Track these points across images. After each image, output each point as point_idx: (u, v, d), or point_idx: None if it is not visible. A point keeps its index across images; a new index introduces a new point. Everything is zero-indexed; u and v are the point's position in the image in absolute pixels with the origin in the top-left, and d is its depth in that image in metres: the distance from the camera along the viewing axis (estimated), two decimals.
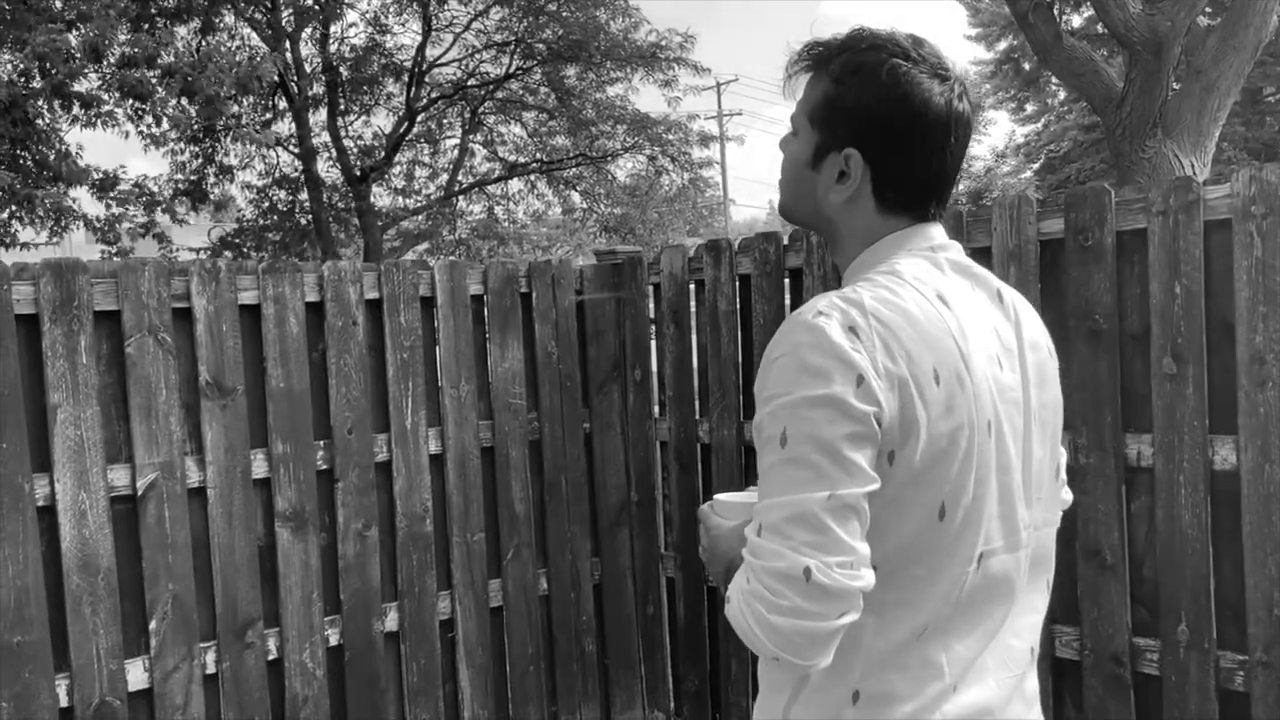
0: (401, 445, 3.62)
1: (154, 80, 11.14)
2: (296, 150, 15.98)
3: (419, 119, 16.50)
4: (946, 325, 1.26)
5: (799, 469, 1.17)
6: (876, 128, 1.32)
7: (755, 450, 1.34)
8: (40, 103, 10.98)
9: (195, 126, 12.30)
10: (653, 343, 4.08)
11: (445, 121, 17.40)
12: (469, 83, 16.37)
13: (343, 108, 16.17)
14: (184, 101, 11.49)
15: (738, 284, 3.72)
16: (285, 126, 16.15)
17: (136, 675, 3.12)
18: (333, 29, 15.81)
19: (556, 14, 15.40)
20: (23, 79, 10.73)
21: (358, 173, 15.69)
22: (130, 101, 11.50)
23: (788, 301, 3.60)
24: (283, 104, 15.90)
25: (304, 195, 16.38)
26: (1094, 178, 21.59)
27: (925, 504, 1.24)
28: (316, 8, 15.43)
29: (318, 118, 16.22)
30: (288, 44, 15.21)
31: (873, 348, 1.20)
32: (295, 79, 15.27)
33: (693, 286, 3.90)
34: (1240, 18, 8.96)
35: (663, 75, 15.72)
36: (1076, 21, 20.12)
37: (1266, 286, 2.65)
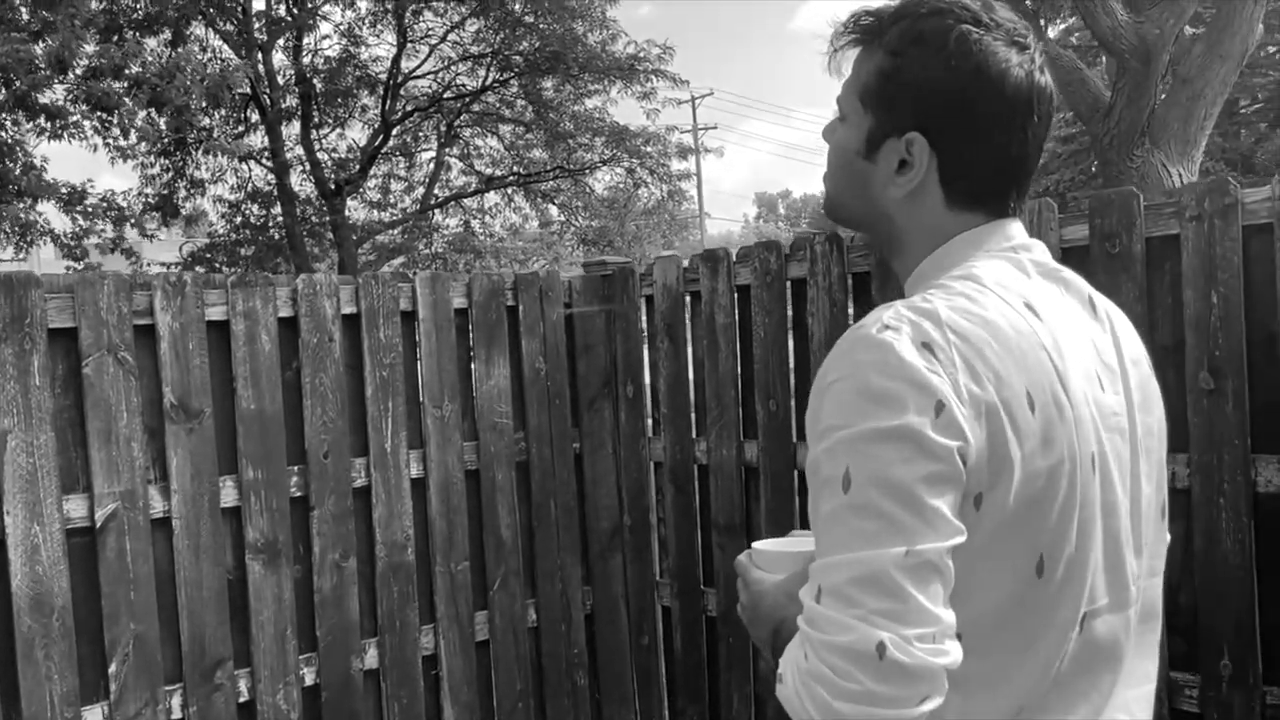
0: (381, 469, 3.40)
1: (121, 91, 10.88)
2: (269, 164, 15.71)
3: (394, 132, 16.26)
4: (1038, 339, 1.06)
5: (867, 519, 0.96)
6: (944, 106, 1.11)
7: (807, 488, 1.14)
8: (3, 115, 10.69)
9: (165, 139, 12.03)
10: (645, 358, 3.88)
11: (421, 134, 17.17)
12: (445, 95, 16.15)
13: (317, 120, 15.92)
14: (153, 113, 11.22)
15: (736, 295, 3.53)
16: (258, 139, 15.88)
17: None
18: (306, 40, 15.58)
19: (534, 26, 15.22)
20: None
21: (332, 186, 15.43)
22: (98, 114, 11.23)
23: (789, 313, 3.41)
24: (255, 117, 15.63)
25: (277, 209, 16.10)
26: (1075, 188, 21.57)
27: (1020, 557, 1.03)
28: (289, 19, 15.20)
29: (291, 130, 15.97)
30: (260, 55, 14.96)
31: (953, 368, 1.00)
32: (268, 91, 15.01)
33: (688, 298, 3.70)
34: (1226, 26, 8.88)
35: (641, 87, 15.55)
36: (1052, 33, 20.10)
37: None
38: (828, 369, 1.05)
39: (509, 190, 17.57)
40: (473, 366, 3.66)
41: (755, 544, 1.34)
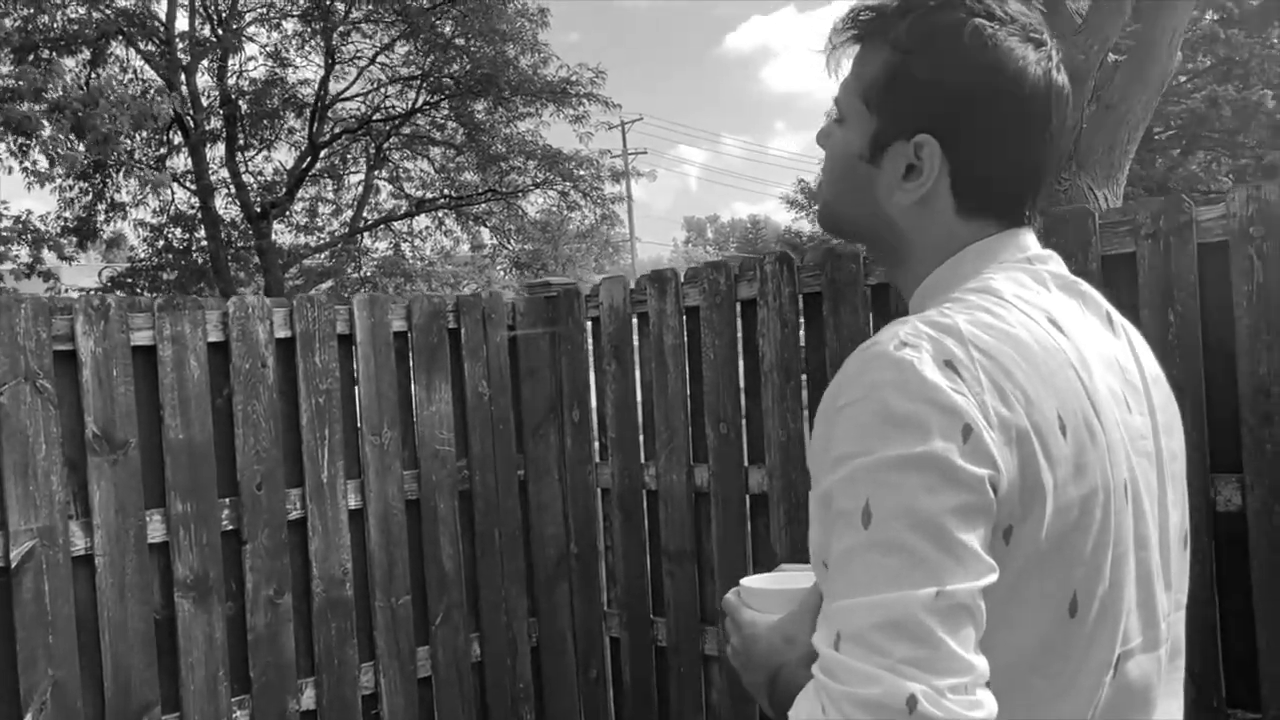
0: (317, 501, 3.25)
1: (40, 115, 10.54)
2: (193, 186, 15.37)
3: (322, 154, 16.02)
4: (1066, 356, 0.98)
5: (892, 556, 0.87)
6: (957, 107, 1.03)
7: (812, 522, 1.05)
8: None
9: (85, 162, 11.69)
10: (592, 381, 3.78)
11: (349, 157, 16.94)
12: (374, 117, 15.95)
13: (242, 143, 15.63)
14: (73, 138, 10.90)
15: (684, 316, 3.45)
16: (181, 162, 15.54)
17: None
18: (231, 62, 15.29)
19: (465, 48, 15.10)
20: None
21: (258, 209, 15.14)
22: (15, 138, 10.88)
23: (740, 334, 3.34)
24: (178, 139, 15.29)
25: (201, 233, 15.75)
26: None
27: (1051, 596, 0.95)
28: (214, 40, 14.92)
29: (216, 153, 15.65)
30: (183, 77, 14.64)
31: (979, 388, 0.91)
32: (191, 113, 14.69)
33: (635, 320, 3.61)
34: (1147, 53, 9.06)
35: (573, 110, 15.50)
36: None
37: (1269, 314, 2.46)
38: (839, 391, 0.95)
39: (440, 213, 17.38)
40: (413, 392, 3.53)
41: (744, 581, 1.24)
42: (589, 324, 3.75)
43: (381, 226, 17.44)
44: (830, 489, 0.93)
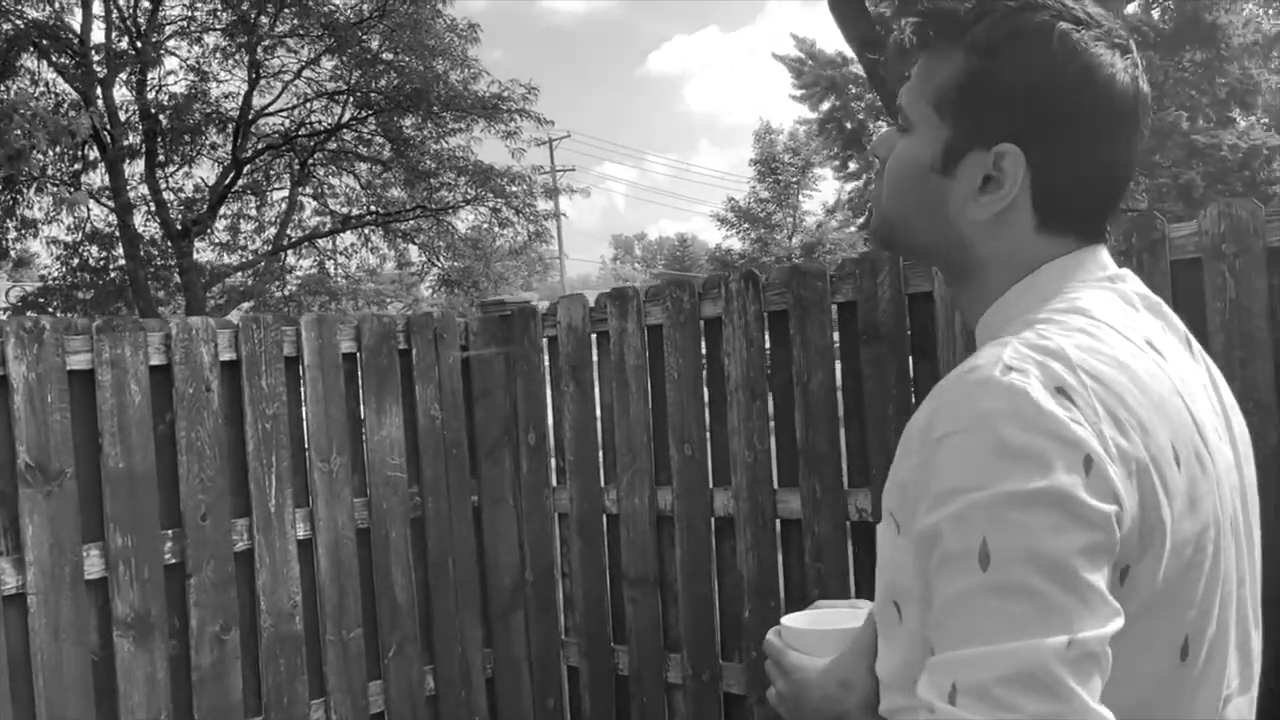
0: (265, 531, 3.10)
1: None
2: (111, 204, 14.92)
3: (245, 170, 15.66)
4: (1170, 383, 0.92)
5: (1016, 601, 0.79)
6: (1044, 115, 0.95)
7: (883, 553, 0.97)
8: None
9: None
10: (549, 402, 3.67)
11: (273, 173, 16.58)
12: (299, 133, 15.65)
13: (162, 158, 15.20)
14: None
15: (646, 335, 3.37)
16: (99, 178, 15.08)
17: None
18: (150, 76, 14.88)
19: (393, 63, 14.90)
20: None
21: (179, 227, 14.73)
22: None
23: (704, 353, 3.27)
24: (95, 154, 14.83)
25: (119, 251, 15.28)
26: None
27: (1165, 640, 0.88)
28: (132, 53, 14.51)
29: (135, 169, 15.21)
30: (99, 91, 14.21)
31: (1095, 417, 0.84)
32: (108, 128, 14.26)
33: (594, 339, 3.52)
34: None
35: (505, 126, 15.37)
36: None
37: (1243, 330, 2.46)
38: (937, 419, 0.88)
39: (366, 230, 17.10)
40: (363, 415, 3.40)
41: (785, 620, 1.16)
42: (545, 343, 3.65)
43: (306, 244, 17.10)
44: (937, 526, 0.84)
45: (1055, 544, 0.79)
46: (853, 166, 29.59)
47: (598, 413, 3.51)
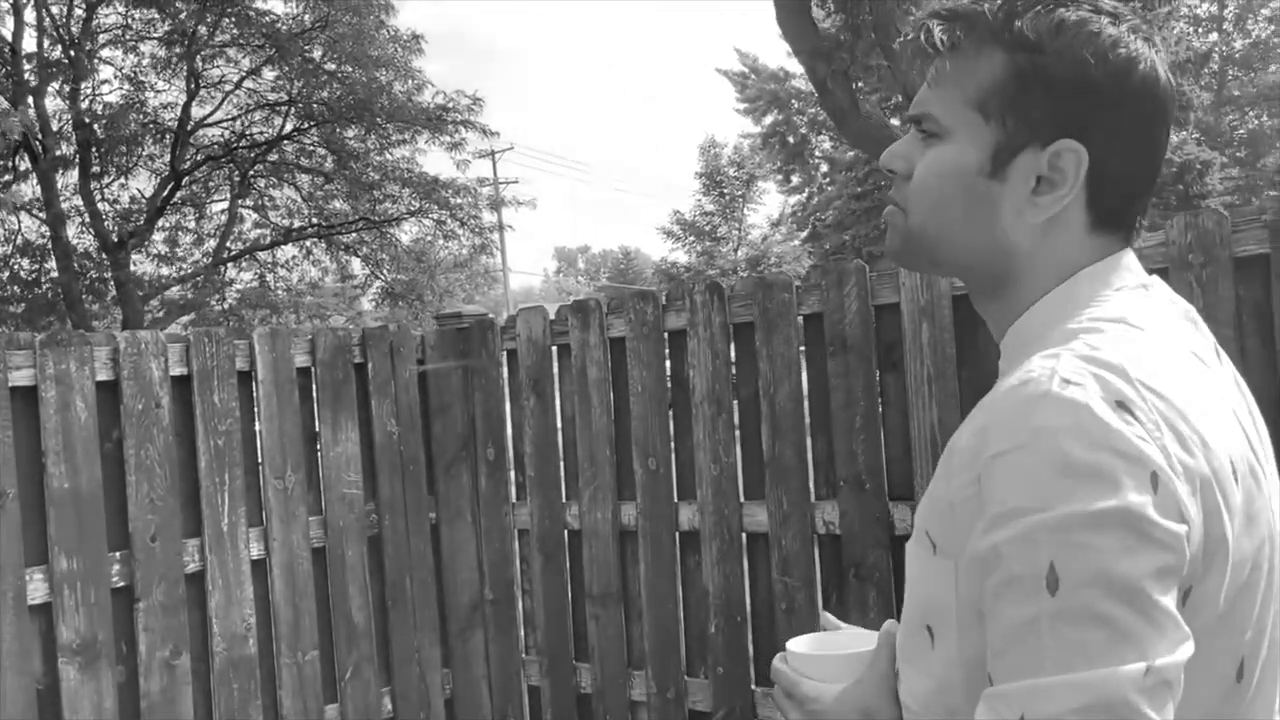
0: (217, 552, 3.00)
1: None
2: (42, 215, 14.55)
3: (184, 182, 15.36)
4: (1220, 394, 0.90)
5: (1090, 628, 0.75)
6: (1098, 107, 0.91)
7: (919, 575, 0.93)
8: None
9: None
10: (508, 417, 3.61)
11: (212, 184, 16.28)
12: (239, 144, 15.39)
13: (97, 169, 14.86)
14: None
15: (609, 347, 3.32)
16: (30, 189, 14.70)
17: None
18: (85, 85, 14.55)
19: (335, 74, 14.71)
20: None
21: (115, 239, 14.40)
22: None
23: (668, 366, 3.23)
24: (25, 164, 14.45)
25: (51, 264, 14.90)
26: (870, 243, 22.48)
27: (1223, 662, 0.86)
28: (65, 61, 14.19)
29: (68, 179, 14.85)
30: (31, 100, 13.86)
31: (1158, 432, 0.80)
32: (40, 138, 13.91)
33: (555, 351, 3.47)
34: None
35: (450, 138, 15.23)
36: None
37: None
38: (987, 436, 0.83)
39: (308, 243, 16.85)
40: (319, 431, 3.31)
41: (790, 644, 1.11)
42: (504, 356, 3.58)
43: (246, 256, 16.80)
44: (1000, 548, 0.80)
45: (1127, 566, 0.76)
46: (795, 180, 29.82)
47: (559, 426, 3.45)
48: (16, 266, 15.42)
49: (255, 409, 3.17)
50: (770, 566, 3.02)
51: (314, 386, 3.31)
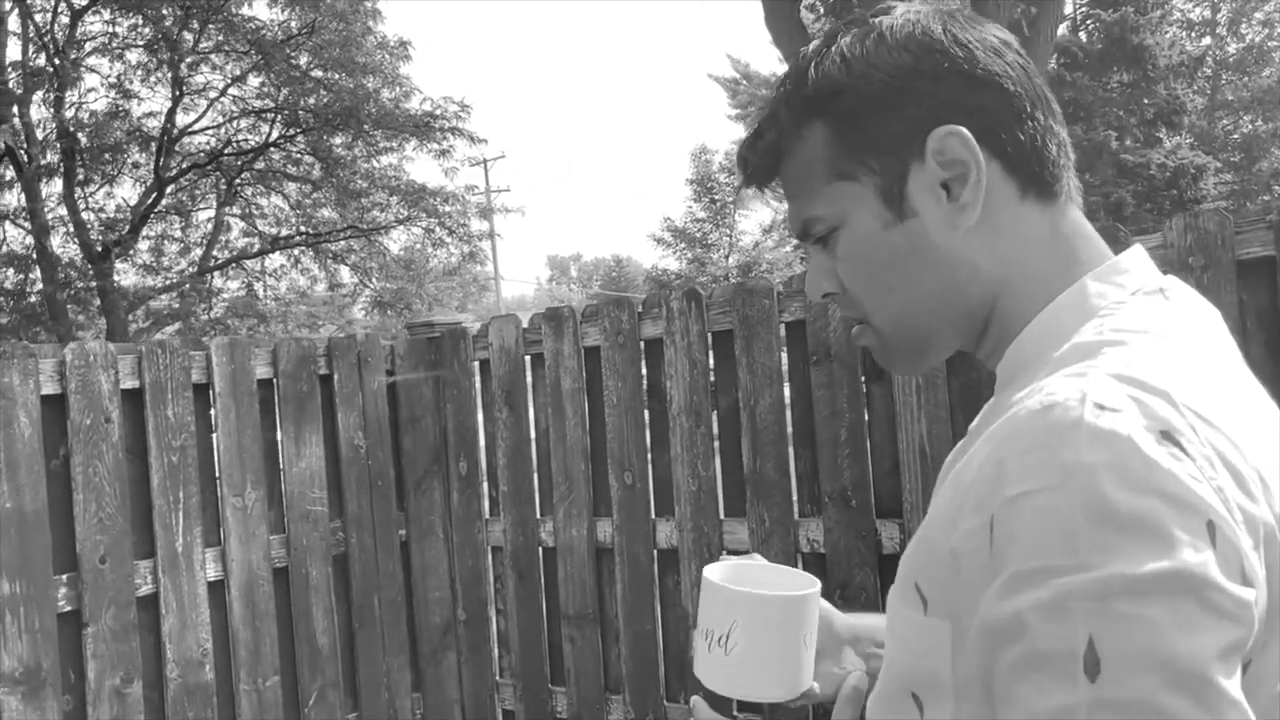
0: (171, 573, 2.86)
1: None
2: (26, 224, 14.39)
3: (169, 190, 15.21)
4: (1270, 420, 0.77)
5: None
6: (932, 87, 0.82)
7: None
8: None
9: None
10: (481, 429, 3.47)
11: (198, 193, 16.14)
12: (225, 151, 15.25)
13: (82, 177, 14.71)
14: None
15: (584, 357, 3.18)
16: (14, 198, 14.54)
17: None
18: (70, 93, 14.41)
19: (322, 80, 14.57)
20: None
21: (99, 248, 14.24)
22: None
23: (645, 375, 3.09)
24: (10, 173, 14.30)
25: (36, 274, 14.74)
26: None
27: None
28: (50, 70, 14.05)
29: (52, 188, 14.70)
30: (15, 108, 13.72)
31: (1212, 471, 0.65)
32: (25, 146, 13.76)
33: (528, 361, 3.33)
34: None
35: (438, 145, 15.10)
36: None
37: None
38: (1004, 472, 0.68)
39: (295, 251, 16.70)
40: (280, 445, 3.17)
41: (708, 571, 1.00)
42: (476, 366, 3.45)
43: (233, 265, 16.65)
44: (1018, 617, 0.64)
45: (1186, 646, 0.61)
46: None
47: (533, 439, 3.31)
48: (2, 277, 15.26)
49: (213, 423, 3.03)
50: None
51: (276, 399, 3.16)
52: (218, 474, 3.02)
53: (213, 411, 3.02)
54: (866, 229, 0.86)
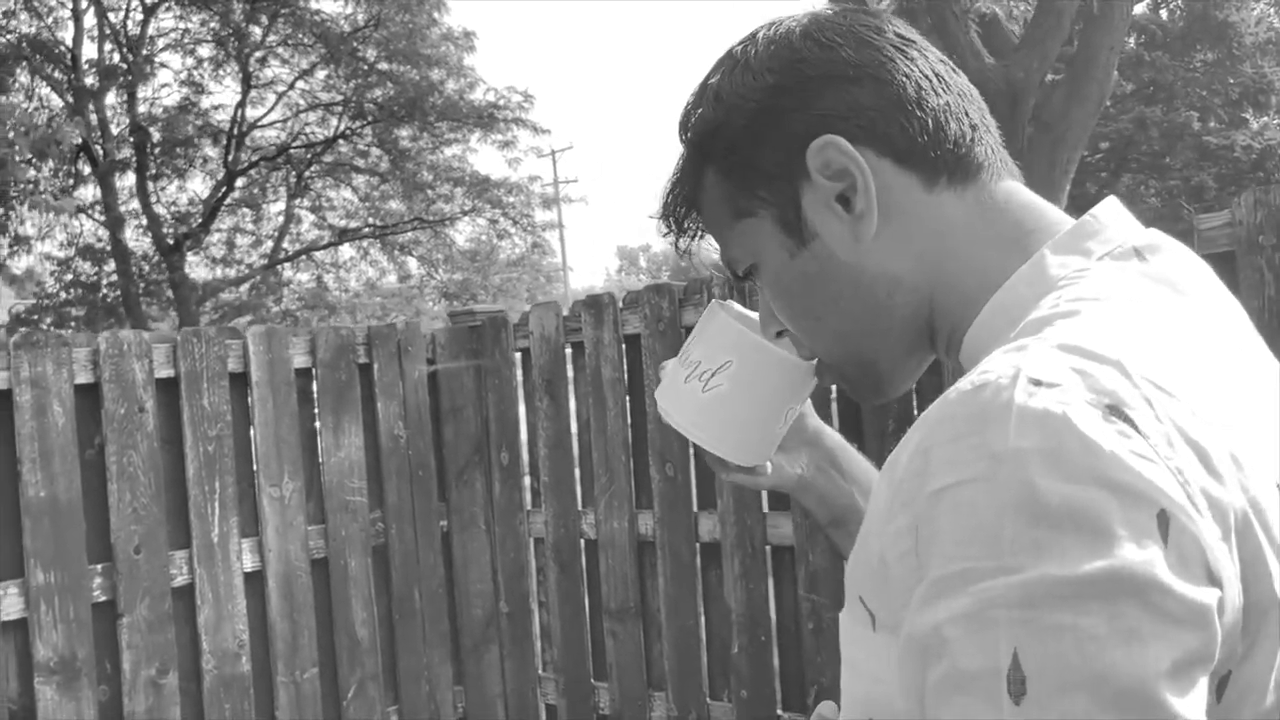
0: (207, 564, 2.84)
1: None
2: (102, 218, 14.71)
3: (239, 183, 15.45)
4: (1260, 391, 0.66)
5: None
6: (800, 102, 0.78)
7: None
8: None
9: None
10: (522, 419, 3.40)
11: (268, 186, 16.36)
12: (294, 144, 15.43)
13: (154, 172, 15.00)
14: None
15: (624, 346, 3.10)
16: (90, 192, 14.88)
17: None
18: (142, 89, 14.68)
19: (388, 73, 14.67)
20: None
21: (171, 241, 14.51)
22: None
23: None
24: (86, 169, 14.63)
25: (111, 266, 15.07)
26: None
27: None
28: (123, 66, 14.33)
29: (126, 182, 15.00)
30: (91, 104, 14.02)
31: (1168, 449, 0.55)
32: (100, 142, 14.06)
33: (569, 350, 3.26)
34: (1085, 71, 9.00)
35: (501, 136, 15.12)
36: None
37: None
38: (931, 463, 0.58)
39: (364, 243, 16.86)
40: (319, 435, 3.13)
41: (723, 301, 1.01)
42: (518, 356, 3.38)
43: (303, 258, 16.87)
44: (936, 631, 0.55)
45: (1127, 659, 0.51)
46: None
47: (573, 429, 3.24)
48: (78, 270, 15.62)
49: (250, 412, 3.00)
50: (796, 583, 2.77)
51: (314, 388, 3.13)
52: (255, 464, 2.99)
53: (250, 401, 2.99)
54: (778, 262, 0.82)
